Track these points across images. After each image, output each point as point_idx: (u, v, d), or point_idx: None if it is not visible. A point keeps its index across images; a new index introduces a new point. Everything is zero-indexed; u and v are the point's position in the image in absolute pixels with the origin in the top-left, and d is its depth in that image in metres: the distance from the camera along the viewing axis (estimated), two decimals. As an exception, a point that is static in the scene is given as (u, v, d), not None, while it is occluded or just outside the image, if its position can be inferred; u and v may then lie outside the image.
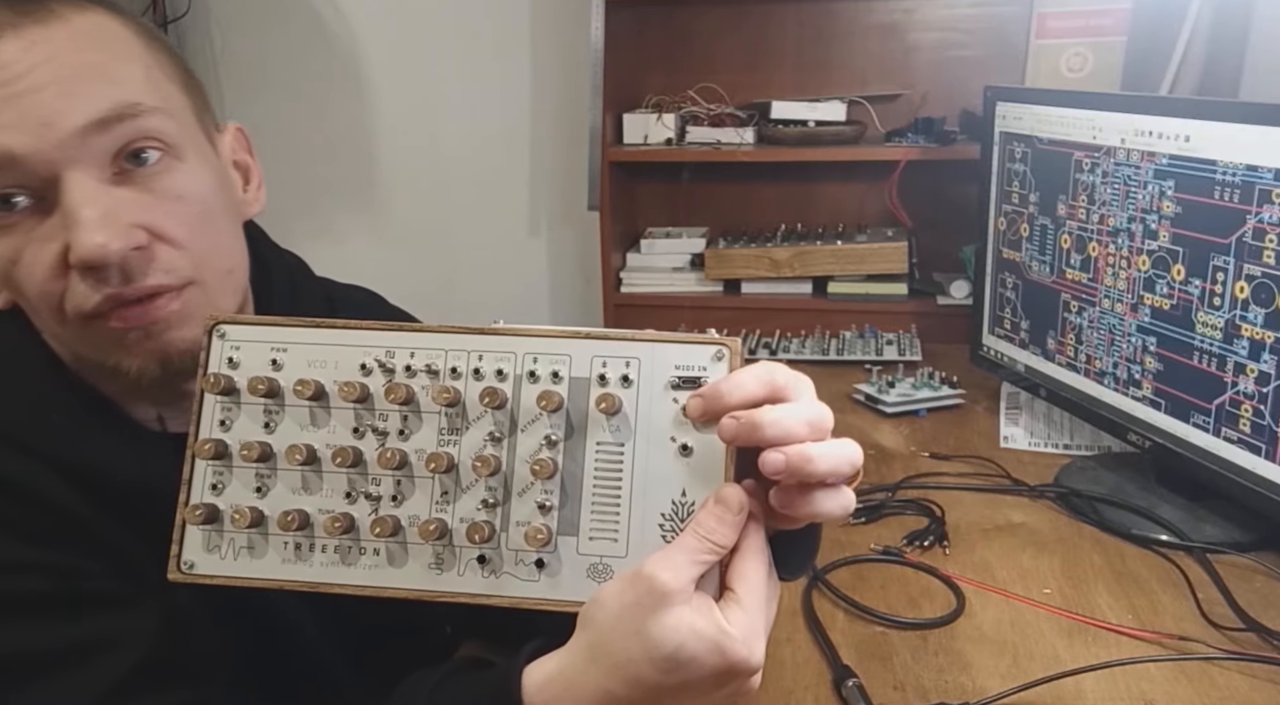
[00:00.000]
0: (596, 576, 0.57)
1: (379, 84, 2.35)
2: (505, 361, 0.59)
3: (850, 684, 0.83)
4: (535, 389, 0.58)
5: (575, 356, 0.58)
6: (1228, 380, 1.02)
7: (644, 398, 0.57)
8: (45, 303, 0.64)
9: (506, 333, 0.59)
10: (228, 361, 0.60)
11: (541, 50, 2.30)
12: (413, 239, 2.38)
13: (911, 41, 2.04)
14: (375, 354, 0.59)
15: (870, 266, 1.90)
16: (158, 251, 0.64)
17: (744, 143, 1.97)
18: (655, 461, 0.57)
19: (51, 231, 0.62)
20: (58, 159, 0.61)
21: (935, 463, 1.28)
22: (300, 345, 0.60)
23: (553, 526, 0.58)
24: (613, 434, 0.58)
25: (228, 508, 0.59)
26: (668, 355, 0.57)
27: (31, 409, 0.68)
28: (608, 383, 0.58)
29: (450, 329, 0.59)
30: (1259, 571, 1.02)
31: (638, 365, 0.58)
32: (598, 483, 0.57)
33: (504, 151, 2.37)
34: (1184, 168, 1.05)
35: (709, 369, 0.57)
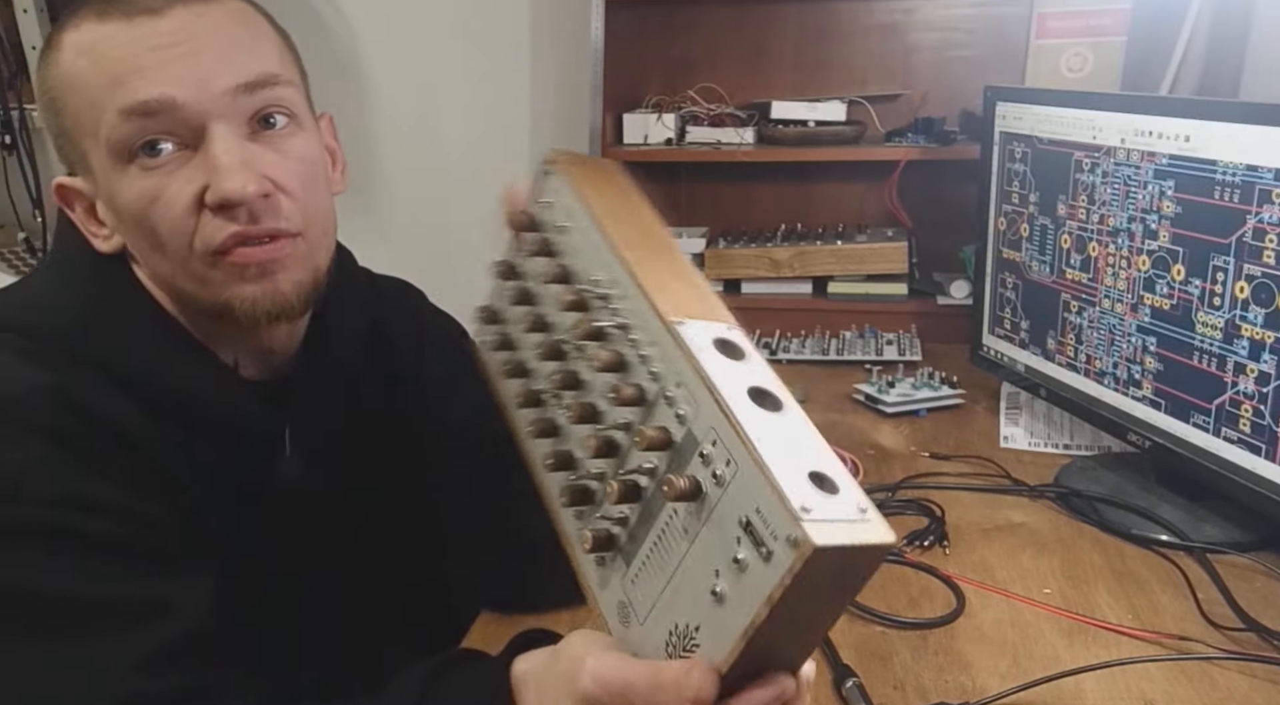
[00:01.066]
0: (620, 616, 0.57)
1: (379, 84, 2.35)
2: (660, 366, 0.55)
3: (850, 684, 0.83)
4: (666, 412, 0.54)
5: (702, 412, 0.52)
6: (1228, 380, 1.02)
7: (719, 513, 0.50)
8: (177, 237, 0.73)
9: (679, 341, 0.54)
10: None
11: (541, 50, 2.30)
12: (412, 238, 2.38)
13: (911, 41, 2.04)
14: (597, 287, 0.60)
15: (870, 266, 1.90)
16: (279, 200, 0.75)
17: (744, 143, 1.97)
18: (694, 577, 0.51)
19: (192, 174, 0.72)
20: (209, 111, 0.71)
21: (935, 463, 1.28)
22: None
23: (621, 538, 0.56)
24: (685, 514, 0.52)
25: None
26: (757, 492, 0.47)
27: (134, 341, 0.76)
28: (709, 462, 0.51)
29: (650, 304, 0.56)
30: (1259, 571, 1.02)
31: (733, 471, 0.49)
32: (656, 543, 0.54)
33: (504, 151, 2.37)
34: (1184, 168, 1.05)
35: (778, 545, 0.46)
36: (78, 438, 0.70)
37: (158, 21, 0.71)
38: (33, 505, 0.66)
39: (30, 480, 0.67)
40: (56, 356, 0.73)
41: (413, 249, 2.35)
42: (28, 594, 0.66)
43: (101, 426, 0.71)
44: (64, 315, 0.76)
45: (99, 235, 0.79)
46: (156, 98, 0.70)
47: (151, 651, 0.66)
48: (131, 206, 0.73)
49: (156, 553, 0.70)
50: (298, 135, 0.77)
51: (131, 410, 0.73)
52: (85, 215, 0.79)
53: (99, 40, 0.72)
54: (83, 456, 0.69)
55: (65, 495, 0.67)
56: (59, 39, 0.74)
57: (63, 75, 0.74)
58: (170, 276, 0.77)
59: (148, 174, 0.72)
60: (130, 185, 0.73)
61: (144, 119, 0.71)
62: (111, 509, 0.69)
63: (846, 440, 1.35)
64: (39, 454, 0.68)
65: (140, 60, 0.71)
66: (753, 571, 0.47)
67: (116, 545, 0.68)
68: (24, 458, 0.67)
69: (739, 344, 0.55)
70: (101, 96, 0.71)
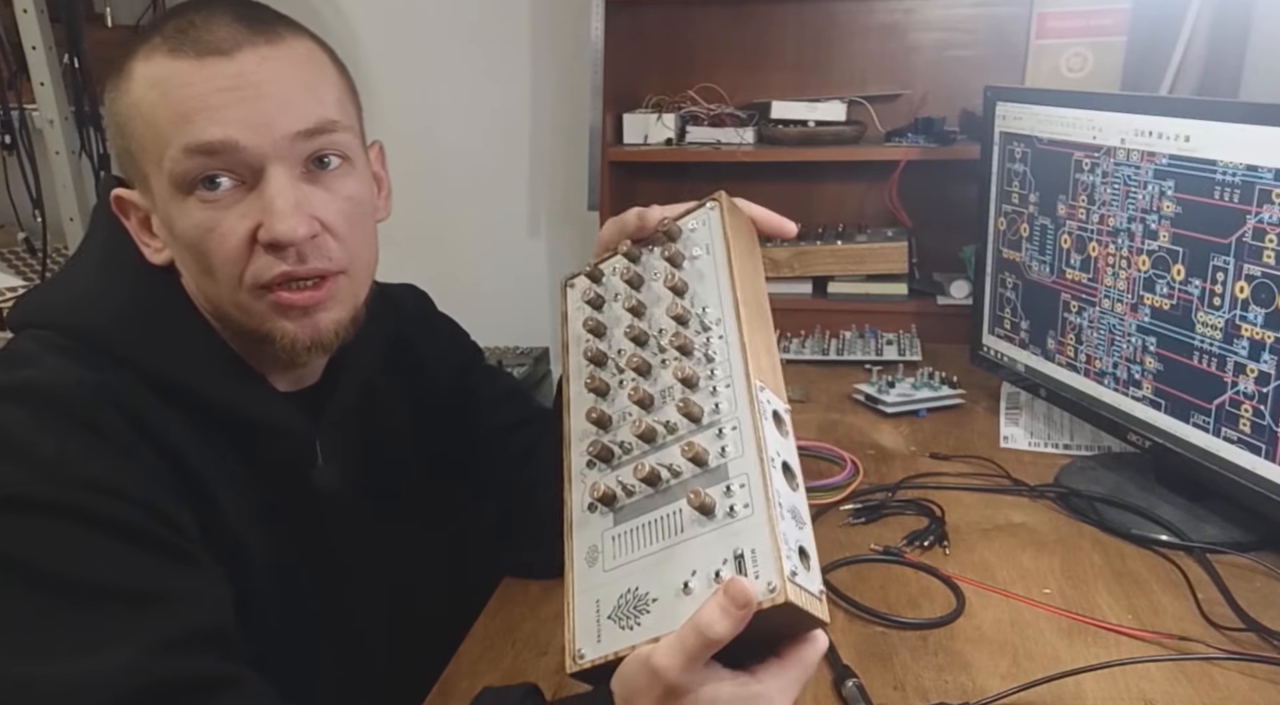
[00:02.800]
0: (588, 556, 0.67)
1: (379, 84, 2.35)
2: (726, 405, 0.65)
3: (850, 684, 0.83)
4: (714, 439, 0.64)
5: (745, 459, 0.62)
6: (1228, 380, 1.02)
7: (721, 533, 0.60)
8: (227, 268, 0.77)
9: (754, 401, 0.64)
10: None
11: (541, 50, 2.30)
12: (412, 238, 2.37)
13: (911, 41, 2.04)
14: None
15: (870, 266, 1.90)
16: (326, 241, 0.78)
17: (744, 143, 1.97)
18: (672, 564, 0.62)
19: (247, 209, 0.76)
20: (268, 154, 0.75)
21: (935, 463, 1.28)
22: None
23: (620, 502, 0.67)
24: (691, 518, 0.62)
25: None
26: (760, 540, 0.58)
27: (175, 350, 0.80)
28: (731, 495, 0.61)
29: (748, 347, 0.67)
30: (1259, 571, 1.02)
31: (748, 514, 0.60)
32: (653, 523, 0.64)
33: (504, 151, 2.37)
34: (1184, 168, 1.05)
35: (758, 583, 0.57)
36: (118, 434, 0.73)
37: (227, 63, 0.75)
38: (72, 485, 0.69)
39: (71, 462, 0.70)
40: (96, 357, 0.76)
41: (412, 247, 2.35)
42: (55, 568, 0.68)
43: (141, 428, 0.74)
44: (108, 318, 0.79)
45: (151, 246, 0.82)
46: (220, 140, 0.74)
47: (180, 634, 0.68)
48: (188, 234, 0.77)
49: (179, 552, 0.73)
50: (349, 176, 0.81)
51: (168, 416, 0.76)
52: (139, 227, 0.82)
53: (170, 75, 0.75)
54: (120, 451, 0.72)
55: (102, 481, 0.70)
56: (130, 68, 0.77)
57: (133, 104, 0.77)
58: (215, 299, 0.80)
59: (205, 206, 0.76)
60: (188, 215, 0.76)
61: (206, 157, 0.74)
62: (142, 503, 0.71)
63: (846, 440, 1.35)
64: (81, 442, 0.71)
65: (208, 101, 0.74)
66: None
67: (145, 535, 0.71)
68: (66, 442, 0.70)
69: (787, 423, 0.66)
70: (168, 131, 0.75)
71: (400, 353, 1.00)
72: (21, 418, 0.71)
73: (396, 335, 1.00)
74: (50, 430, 0.71)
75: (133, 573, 0.69)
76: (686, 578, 0.60)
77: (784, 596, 0.55)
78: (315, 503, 0.87)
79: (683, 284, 0.71)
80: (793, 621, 0.59)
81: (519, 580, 1.04)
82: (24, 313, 0.82)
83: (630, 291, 0.75)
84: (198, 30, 0.75)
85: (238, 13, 0.77)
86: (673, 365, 0.68)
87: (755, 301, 0.70)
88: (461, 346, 1.08)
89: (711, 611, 0.56)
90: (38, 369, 0.74)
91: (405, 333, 1.01)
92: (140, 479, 0.72)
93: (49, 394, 0.73)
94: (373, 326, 0.88)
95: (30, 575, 0.67)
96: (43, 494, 0.69)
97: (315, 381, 0.90)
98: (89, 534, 0.69)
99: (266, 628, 0.80)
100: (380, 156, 0.91)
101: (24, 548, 0.68)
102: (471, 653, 0.93)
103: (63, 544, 0.68)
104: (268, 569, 0.82)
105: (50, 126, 2.15)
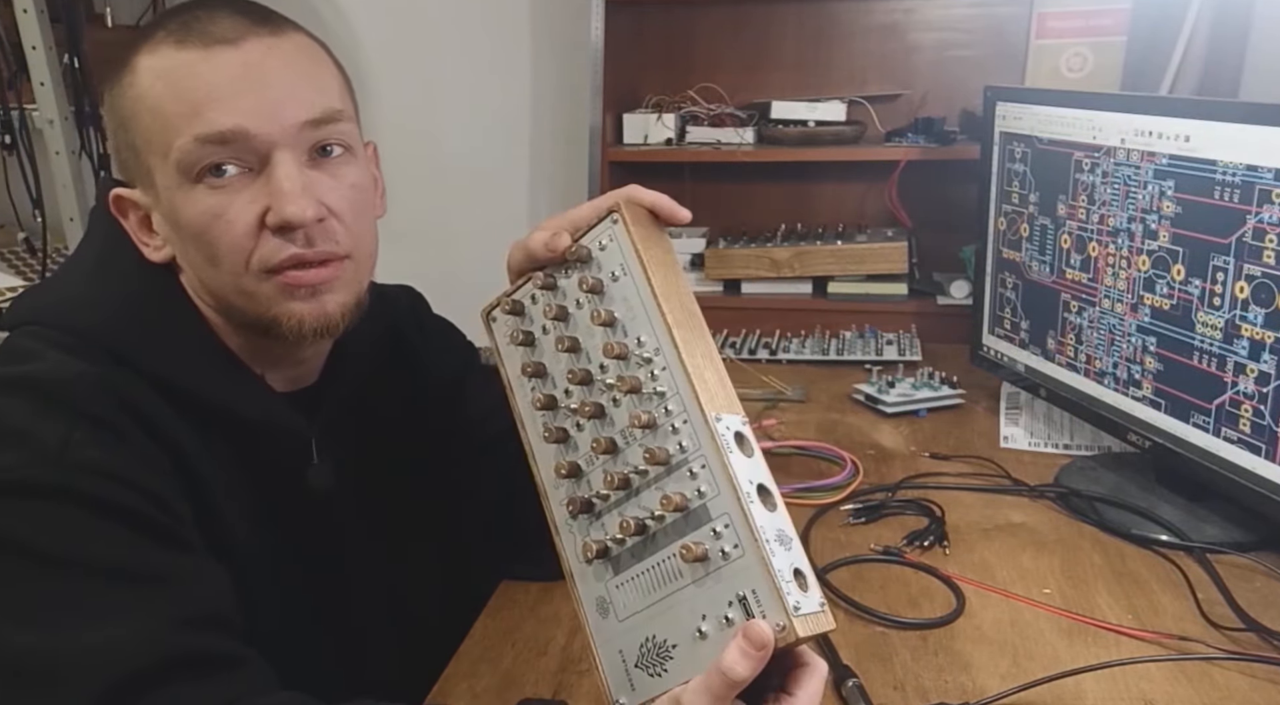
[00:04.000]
0: (599, 609, 0.68)
1: (379, 84, 2.35)
2: (689, 442, 0.65)
3: (850, 684, 0.83)
4: (688, 481, 0.64)
5: (722, 498, 0.62)
6: (1228, 380, 1.02)
7: (719, 577, 0.62)
8: (234, 254, 0.77)
9: (715, 437, 0.63)
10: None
11: (541, 50, 2.30)
12: (412, 238, 2.37)
13: (911, 41, 2.03)
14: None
15: (870, 266, 1.90)
16: (332, 225, 0.79)
17: (744, 143, 1.97)
18: (681, 611, 0.63)
19: (255, 195, 0.77)
20: (277, 141, 0.76)
21: (935, 463, 1.28)
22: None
23: (614, 553, 0.68)
24: (688, 566, 0.63)
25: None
26: (757, 580, 0.60)
27: (175, 349, 0.80)
28: (718, 537, 0.62)
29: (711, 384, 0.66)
30: (1259, 571, 1.02)
31: (739, 554, 0.61)
32: (652, 570, 0.65)
33: (504, 151, 2.37)
34: (1184, 168, 1.05)
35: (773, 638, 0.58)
36: (120, 424, 0.74)
37: (233, 52, 0.76)
38: (75, 470, 0.70)
39: (74, 450, 0.71)
40: (97, 353, 0.77)
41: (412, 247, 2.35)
42: (64, 551, 0.69)
43: (141, 421, 0.75)
44: (106, 317, 0.79)
45: (150, 245, 0.82)
46: (231, 128, 0.75)
47: (179, 615, 0.69)
48: (194, 221, 0.77)
49: (182, 540, 0.74)
50: (351, 164, 0.82)
51: (168, 414, 0.77)
52: (139, 225, 0.83)
53: (176, 67, 0.76)
54: (122, 441, 0.73)
55: (105, 467, 0.71)
56: (134, 62, 0.78)
57: (138, 97, 0.77)
58: (219, 289, 0.80)
59: (213, 192, 0.76)
60: (195, 202, 0.77)
61: (218, 146, 0.75)
62: (144, 490, 0.72)
63: (846, 440, 1.35)
64: (84, 431, 0.72)
65: (217, 91, 0.75)
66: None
67: (148, 521, 0.71)
68: (69, 431, 0.71)
69: (749, 439, 0.65)
70: (177, 121, 0.75)
71: (396, 353, 1.00)
72: (22, 407, 0.72)
73: (392, 336, 1.00)
74: (53, 419, 0.72)
75: (137, 555, 0.70)
76: (699, 624, 0.62)
77: (794, 635, 0.57)
78: (311, 502, 0.87)
79: (610, 316, 0.69)
80: (804, 642, 0.61)
81: (518, 581, 1.04)
82: (21, 311, 0.82)
83: (559, 327, 0.73)
84: (202, 23, 0.76)
85: (239, 8, 0.79)
86: (625, 405, 0.68)
87: (684, 312, 0.68)
88: (457, 348, 1.08)
89: (733, 655, 0.58)
90: (38, 363, 0.75)
91: (401, 333, 1.01)
92: (141, 467, 0.73)
93: (50, 386, 0.73)
94: (368, 327, 0.88)
95: (37, 556, 0.68)
96: (45, 479, 0.69)
97: (312, 382, 0.91)
98: (93, 516, 0.69)
99: (263, 626, 0.80)
100: (375, 157, 0.91)
101: (30, 530, 0.69)
102: (471, 653, 0.93)
103: (68, 527, 0.69)
104: (263, 567, 0.82)
105: (50, 126, 2.15)
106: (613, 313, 0.69)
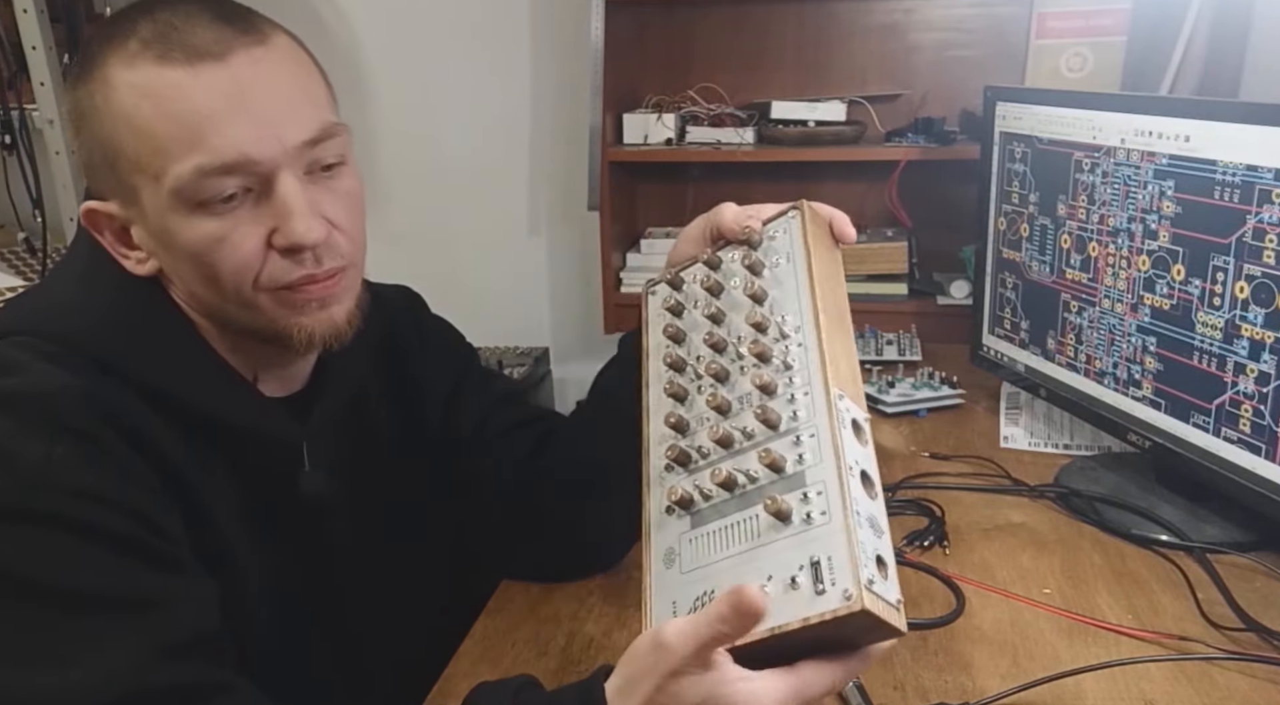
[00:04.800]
0: (665, 558, 0.68)
1: (379, 84, 2.35)
2: (804, 412, 0.66)
3: (850, 684, 0.83)
4: (791, 446, 0.65)
5: (823, 468, 0.62)
6: (1228, 380, 1.02)
7: (796, 540, 0.61)
8: (240, 274, 0.76)
9: (832, 410, 0.64)
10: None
11: (541, 50, 2.30)
12: (412, 238, 2.37)
13: (911, 41, 2.04)
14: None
15: (870, 266, 1.90)
16: (337, 239, 0.79)
17: (744, 143, 1.97)
18: (747, 568, 0.62)
19: (259, 217, 0.76)
20: (281, 164, 0.75)
21: (935, 463, 1.28)
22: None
23: (697, 505, 0.68)
24: (767, 524, 0.63)
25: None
26: (836, 548, 0.58)
27: (163, 356, 0.79)
28: (808, 503, 0.61)
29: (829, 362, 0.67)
30: (1259, 571, 1.02)
31: (825, 521, 0.60)
32: (730, 528, 0.65)
33: (504, 151, 2.37)
34: (1184, 168, 1.05)
35: (834, 590, 0.57)
36: (104, 440, 0.72)
37: (221, 68, 0.73)
38: (56, 493, 0.69)
39: (56, 471, 0.69)
40: (83, 364, 0.75)
41: (412, 247, 2.35)
42: (45, 577, 0.68)
43: (127, 434, 0.73)
44: (93, 325, 0.78)
45: (131, 258, 0.80)
46: (235, 159, 0.73)
47: (169, 642, 0.68)
48: (193, 244, 0.76)
49: (167, 559, 0.72)
50: (347, 173, 0.81)
51: (156, 423, 0.76)
52: (115, 239, 0.80)
53: (163, 87, 0.72)
54: (107, 458, 0.72)
55: (87, 489, 0.69)
56: (108, 74, 0.74)
57: (121, 116, 0.74)
58: (216, 304, 0.79)
59: (215, 217, 0.75)
60: (194, 227, 0.75)
61: (222, 176, 0.73)
62: (129, 510, 0.70)
63: (846, 440, 1.35)
64: (66, 448, 0.70)
65: (214, 116, 0.72)
66: (802, 595, 0.58)
67: (132, 543, 0.70)
68: (51, 450, 0.70)
69: (866, 431, 0.66)
70: (172, 147, 0.73)
71: (390, 356, 0.99)
72: (6, 425, 0.70)
73: (387, 339, 0.99)
74: (35, 437, 0.70)
75: (121, 581, 0.69)
76: (762, 582, 0.60)
77: (860, 604, 0.56)
78: (303, 508, 0.86)
79: (762, 291, 0.73)
80: (867, 630, 0.59)
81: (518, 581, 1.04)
82: (7, 321, 0.80)
83: (710, 298, 0.76)
84: (180, 33, 0.73)
85: (214, 11, 0.75)
86: (750, 372, 0.69)
87: (836, 309, 0.71)
88: (455, 350, 1.07)
89: (726, 611, 0.56)
90: (22, 376, 0.73)
91: (396, 336, 1.00)
92: (127, 485, 0.72)
93: (34, 400, 0.71)
94: (363, 330, 0.87)
95: (18, 584, 0.67)
96: (28, 502, 0.68)
97: (302, 387, 0.90)
98: (76, 542, 0.68)
99: (259, 632, 0.80)
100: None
101: (10, 557, 0.67)
102: (471, 653, 0.93)
103: (50, 553, 0.68)
104: (257, 574, 0.81)
105: (50, 126, 2.15)
106: (765, 289, 0.73)
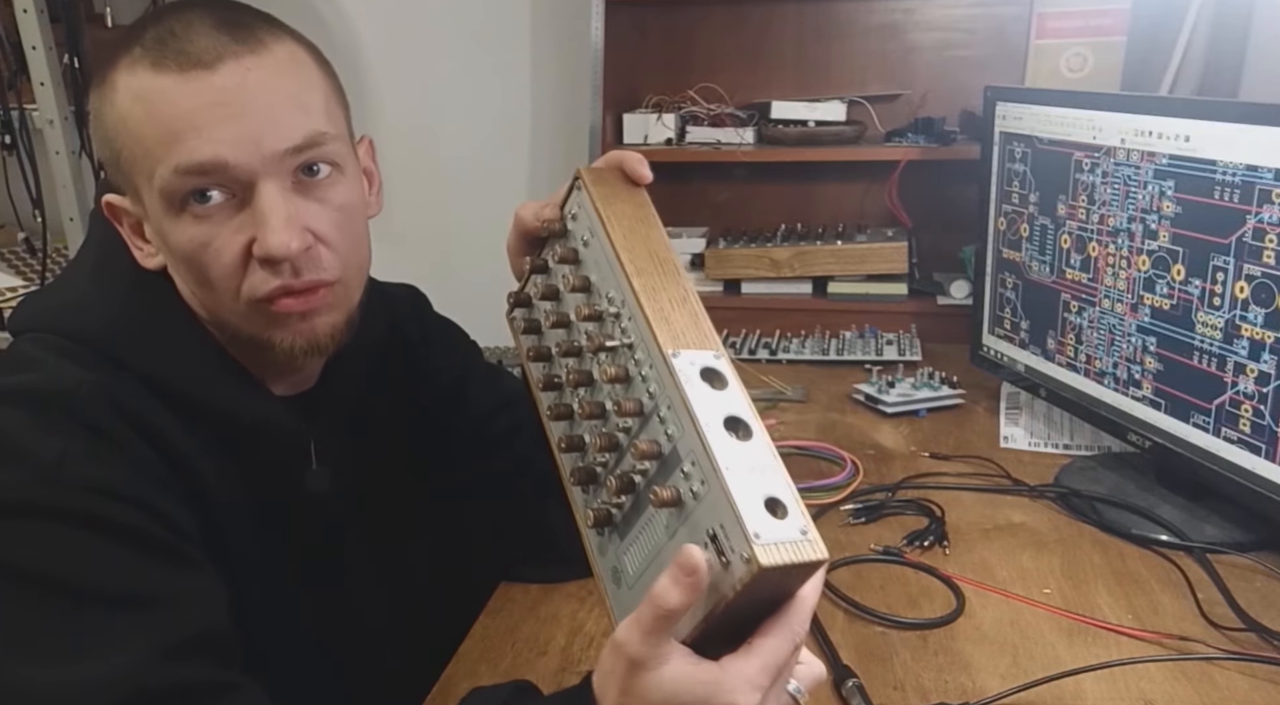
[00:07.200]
0: (614, 579, 0.66)
1: (379, 84, 2.35)
2: (655, 386, 0.62)
3: (850, 684, 0.83)
4: (659, 427, 0.62)
5: (685, 436, 0.59)
6: (1228, 380, 1.02)
7: (694, 520, 0.58)
8: (224, 282, 0.77)
9: (672, 372, 0.60)
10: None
11: (541, 50, 2.30)
12: (412, 238, 2.37)
13: (911, 41, 2.04)
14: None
15: (870, 266, 1.90)
16: (319, 252, 0.78)
17: (744, 143, 1.97)
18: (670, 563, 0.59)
19: (240, 224, 0.75)
20: (259, 171, 0.74)
21: (935, 463, 1.28)
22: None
23: (617, 518, 0.66)
24: (667, 515, 0.60)
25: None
26: (722, 513, 0.55)
27: (174, 353, 0.80)
28: (689, 479, 0.58)
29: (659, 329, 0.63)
30: (1259, 571, 1.02)
31: (705, 490, 0.57)
32: (644, 529, 0.63)
33: (504, 151, 2.37)
34: (1184, 168, 1.05)
35: (734, 558, 0.54)
36: (119, 435, 0.73)
37: (210, 76, 0.73)
38: (71, 488, 0.69)
39: (71, 465, 0.70)
40: (97, 360, 0.76)
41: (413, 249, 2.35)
42: (55, 572, 0.68)
43: (141, 429, 0.74)
44: (106, 321, 0.79)
45: (144, 251, 0.81)
46: (209, 160, 0.73)
47: (177, 640, 0.68)
48: (183, 248, 0.76)
49: (179, 554, 0.73)
50: (339, 183, 0.79)
51: (168, 419, 0.76)
52: (132, 232, 0.82)
53: (154, 92, 0.74)
54: (121, 453, 0.72)
55: (102, 483, 0.70)
56: (114, 78, 0.76)
57: (120, 119, 0.76)
58: (214, 308, 0.80)
59: (198, 222, 0.75)
60: (182, 230, 0.76)
61: (198, 176, 0.74)
62: (142, 505, 0.71)
63: (846, 440, 1.35)
64: (82, 443, 0.71)
65: (195, 119, 0.73)
66: (715, 574, 0.56)
67: (147, 539, 0.71)
68: (67, 445, 0.70)
69: (723, 372, 0.61)
70: (156, 149, 0.74)
71: (396, 355, 0.99)
72: (21, 420, 0.71)
73: (392, 338, 0.99)
74: (50, 432, 0.71)
75: (132, 577, 0.69)
76: None
77: (757, 564, 0.52)
78: (310, 506, 0.87)
79: (585, 282, 0.70)
80: (786, 578, 0.56)
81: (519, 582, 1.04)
82: (23, 318, 0.82)
83: (553, 305, 0.73)
84: (178, 41, 0.74)
85: (218, 18, 0.75)
86: (602, 367, 0.66)
87: (652, 260, 0.67)
88: (459, 349, 1.07)
89: (663, 582, 0.55)
90: (38, 372, 0.74)
91: (401, 335, 1.00)
92: (140, 481, 0.72)
93: (49, 396, 0.73)
94: (369, 328, 0.88)
95: (30, 579, 0.68)
96: (42, 498, 0.69)
97: (311, 385, 0.90)
98: (89, 538, 0.69)
99: (264, 630, 0.80)
100: (370, 151, 0.90)
101: (24, 552, 0.68)
102: (471, 653, 0.93)
103: (62, 548, 0.68)
104: (263, 571, 0.82)
105: (50, 126, 2.15)
106: (587, 278, 0.69)
